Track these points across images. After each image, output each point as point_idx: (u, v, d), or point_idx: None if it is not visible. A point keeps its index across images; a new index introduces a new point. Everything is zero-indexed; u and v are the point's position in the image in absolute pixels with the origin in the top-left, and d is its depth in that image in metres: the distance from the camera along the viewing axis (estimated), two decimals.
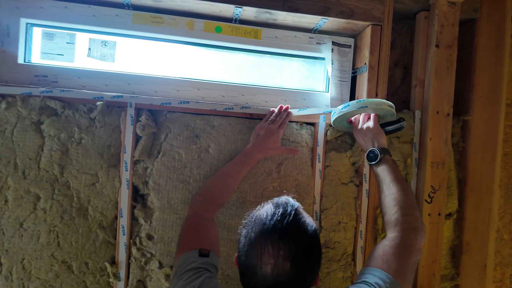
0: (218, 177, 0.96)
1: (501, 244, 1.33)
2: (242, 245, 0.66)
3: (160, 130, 1.00)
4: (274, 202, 0.69)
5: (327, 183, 1.08)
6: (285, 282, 0.60)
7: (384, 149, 0.91)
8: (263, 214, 0.66)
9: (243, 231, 0.68)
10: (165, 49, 1.11)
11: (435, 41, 1.08)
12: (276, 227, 0.62)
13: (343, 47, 1.18)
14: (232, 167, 0.95)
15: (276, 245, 0.60)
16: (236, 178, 0.95)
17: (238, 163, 0.96)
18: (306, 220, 0.66)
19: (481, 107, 1.15)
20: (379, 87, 1.09)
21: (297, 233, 0.63)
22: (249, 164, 0.96)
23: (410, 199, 0.84)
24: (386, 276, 0.70)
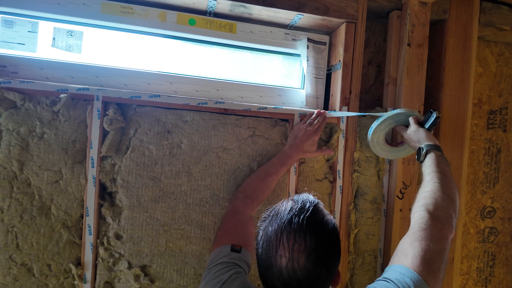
0: (258, 175, 0.98)
1: (467, 238, 1.38)
2: (260, 237, 0.65)
3: (129, 124, 0.96)
4: (294, 198, 0.68)
5: (302, 180, 1.08)
6: (300, 277, 0.59)
7: (428, 145, 0.92)
8: (281, 209, 0.65)
9: (262, 225, 0.67)
10: (136, 40, 1.07)
11: (407, 40, 1.10)
12: (293, 221, 0.61)
13: (319, 44, 1.18)
14: (271, 166, 0.99)
15: (292, 238, 0.60)
16: (274, 177, 0.98)
17: (277, 163, 0.99)
18: (325, 216, 0.65)
19: (449, 105, 1.18)
20: (353, 85, 1.10)
21: (314, 228, 0.61)
22: (287, 164, 1.00)
23: (442, 192, 0.78)
24: (406, 269, 0.64)
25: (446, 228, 0.72)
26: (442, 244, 0.69)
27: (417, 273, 0.63)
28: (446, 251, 0.69)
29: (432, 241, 0.68)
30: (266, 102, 1.14)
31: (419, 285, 0.61)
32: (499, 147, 1.40)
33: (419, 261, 0.64)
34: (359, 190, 1.13)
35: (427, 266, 0.64)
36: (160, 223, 0.96)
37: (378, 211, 1.14)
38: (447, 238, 0.71)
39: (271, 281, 0.62)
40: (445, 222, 0.73)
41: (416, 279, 0.62)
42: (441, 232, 0.71)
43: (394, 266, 0.67)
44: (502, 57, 1.39)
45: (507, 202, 1.42)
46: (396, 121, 1.06)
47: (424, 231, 0.70)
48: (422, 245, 0.67)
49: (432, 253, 0.66)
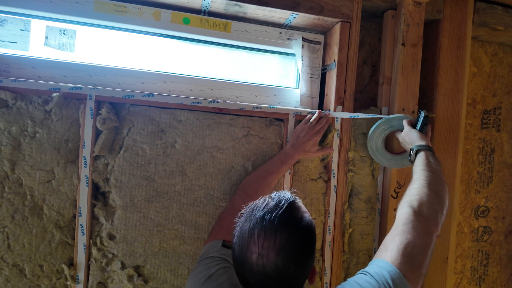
0: (259, 174, 0.99)
1: (461, 237, 1.39)
2: (234, 234, 0.65)
3: (122, 124, 0.95)
4: (272, 195, 0.67)
5: (296, 179, 1.08)
6: (270, 273, 0.58)
7: (419, 145, 0.93)
8: (257, 205, 0.65)
9: (239, 222, 0.66)
10: (130, 39, 1.06)
11: (401, 40, 1.10)
12: (265, 217, 0.61)
13: (313, 44, 1.18)
14: (272, 166, 1.00)
15: (262, 235, 0.59)
16: (275, 176, 0.99)
17: (278, 162, 1.00)
18: (299, 213, 0.64)
19: (444, 105, 1.19)
20: (347, 84, 1.10)
21: (285, 225, 0.60)
22: (288, 163, 1.01)
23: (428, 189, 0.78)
24: (385, 263, 0.65)
25: (430, 223, 0.72)
26: (424, 239, 0.69)
27: (396, 267, 0.63)
28: (429, 246, 0.69)
29: (413, 236, 0.68)
30: (261, 101, 1.14)
31: (396, 278, 0.61)
32: (493, 146, 1.41)
33: (398, 255, 0.64)
34: (353, 189, 1.13)
35: (407, 260, 0.64)
36: (154, 223, 0.96)
37: (372, 211, 1.14)
38: (430, 234, 0.71)
39: (245, 277, 0.62)
40: (429, 218, 0.72)
41: (394, 272, 0.62)
42: (424, 227, 0.70)
43: (374, 260, 0.67)
44: (496, 57, 1.40)
45: (501, 201, 1.43)
46: (391, 126, 1.07)
47: (405, 226, 0.70)
48: (402, 239, 0.67)
49: (412, 247, 0.66)
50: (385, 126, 1.07)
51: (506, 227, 1.44)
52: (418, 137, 0.96)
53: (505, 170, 1.43)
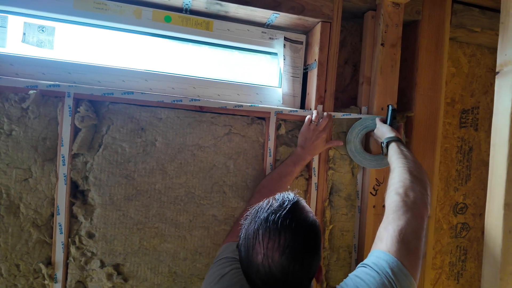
0: (273, 176, 1.02)
1: (440, 233, 1.42)
2: (240, 236, 0.66)
3: (101, 122, 0.95)
4: (276, 197, 0.68)
5: None
6: (276, 274, 0.59)
7: (388, 137, 0.98)
8: (261, 207, 0.65)
9: (244, 224, 0.67)
10: (111, 37, 1.06)
11: (380, 40, 1.12)
12: (269, 218, 0.61)
13: (295, 43, 1.19)
14: (285, 168, 1.03)
15: (267, 236, 0.60)
16: (289, 178, 1.02)
17: (290, 164, 1.03)
18: (303, 213, 0.64)
19: (422, 105, 1.21)
20: (328, 84, 1.12)
21: (289, 225, 0.60)
22: (300, 164, 1.04)
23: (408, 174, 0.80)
24: (382, 252, 0.66)
25: (419, 206, 0.73)
26: (416, 222, 0.70)
27: (392, 255, 0.64)
28: (422, 229, 0.70)
29: (404, 221, 0.69)
30: (243, 100, 1.14)
31: (394, 266, 0.63)
32: (471, 145, 1.45)
33: (393, 242, 0.65)
34: (334, 187, 1.15)
35: (403, 246, 0.65)
36: (134, 222, 0.96)
37: (352, 208, 1.16)
38: (421, 216, 0.72)
39: (252, 278, 0.63)
40: (416, 201, 0.74)
41: (392, 261, 0.63)
42: (413, 211, 0.71)
43: (372, 252, 0.68)
44: (474, 58, 1.44)
45: (479, 198, 1.47)
46: (365, 127, 1.11)
47: (396, 213, 0.71)
48: (395, 227, 0.68)
49: (406, 233, 0.67)
50: (360, 127, 1.11)
51: (483, 223, 1.48)
52: (388, 130, 1.01)
53: (483, 168, 1.47)
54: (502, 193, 0.62)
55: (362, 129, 1.10)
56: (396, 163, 0.86)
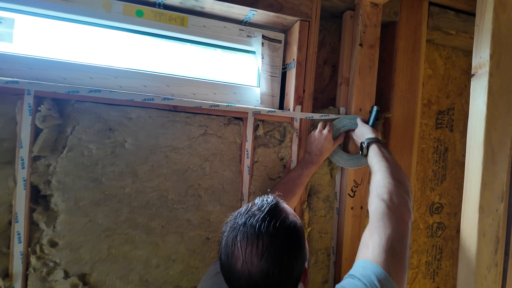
0: (283, 181, 1.03)
1: (417, 233, 1.44)
2: (220, 242, 0.64)
3: (66, 122, 0.88)
4: (255, 201, 0.66)
5: (255, 179, 1.06)
6: (256, 278, 0.57)
7: (369, 138, 0.97)
8: (240, 211, 0.64)
9: (224, 229, 0.65)
10: (77, 31, 0.99)
11: (359, 40, 1.11)
12: (247, 222, 0.60)
13: (274, 42, 1.16)
14: (294, 172, 1.04)
15: (245, 240, 0.58)
16: (298, 181, 1.01)
17: (298, 169, 1.04)
18: (282, 215, 0.62)
19: (400, 106, 1.22)
20: (306, 84, 1.10)
21: (268, 228, 0.59)
22: (309, 168, 1.04)
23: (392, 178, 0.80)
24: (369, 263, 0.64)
25: (403, 211, 0.72)
26: (401, 229, 0.69)
27: (380, 266, 0.62)
28: (406, 235, 0.69)
29: (390, 229, 0.68)
30: (220, 99, 1.11)
31: (382, 278, 0.61)
32: (446, 146, 1.47)
33: (380, 252, 0.64)
34: (312, 189, 1.13)
35: (389, 255, 0.64)
36: (102, 228, 0.90)
37: (330, 209, 1.15)
38: (405, 222, 0.71)
39: (232, 283, 0.61)
40: (401, 207, 0.73)
41: (380, 272, 0.61)
42: (398, 217, 0.71)
43: (359, 261, 0.67)
44: (449, 60, 1.46)
45: (453, 198, 1.50)
46: (343, 126, 1.10)
47: (381, 221, 0.70)
48: (381, 235, 0.67)
49: (392, 240, 0.66)
50: (338, 126, 1.10)
51: (458, 222, 1.51)
52: (368, 131, 1.01)
53: (457, 168, 1.50)
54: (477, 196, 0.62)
55: (340, 128, 1.09)
56: (378, 166, 0.85)
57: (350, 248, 1.11)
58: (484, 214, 0.62)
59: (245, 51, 1.17)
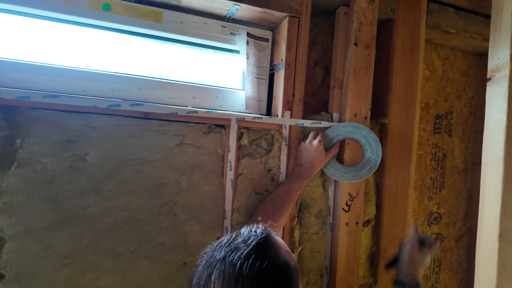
0: (269, 197, 0.91)
1: None
2: (190, 279, 0.54)
3: (15, 132, 0.75)
4: (241, 230, 0.54)
5: (239, 194, 0.95)
6: None
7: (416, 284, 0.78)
8: (220, 243, 0.53)
9: (199, 261, 0.54)
10: (34, 26, 0.86)
11: (353, 39, 1.01)
12: (227, 258, 0.49)
13: (260, 41, 1.05)
14: (281, 187, 0.93)
15: (221, 281, 0.47)
16: (286, 197, 0.90)
17: (287, 183, 0.93)
18: (272, 253, 0.51)
19: (397, 110, 1.12)
20: (296, 87, 0.99)
21: (252, 269, 0.47)
22: (298, 182, 0.93)
23: None
24: None
25: None
26: None
27: None
28: None
29: None
30: (200, 104, 0.99)
31: None
32: (445, 152, 1.38)
33: None
34: (303, 203, 1.02)
35: None
36: (59, 256, 0.77)
37: (323, 226, 1.04)
38: None
39: None
40: None
41: None
42: None
43: None
44: (448, 61, 1.37)
45: (452, 207, 1.41)
46: (337, 135, 1.00)
47: None
48: None
49: None
50: (332, 135, 1.00)
51: (456, 232, 1.43)
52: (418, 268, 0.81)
53: (456, 175, 1.41)
54: (496, 221, 0.52)
55: (333, 137, 0.99)
56: None
57: (345, 268, 1.01)
58: (505, 243, 0.52)
59: (229, 50, 1.06)
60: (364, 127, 0.98)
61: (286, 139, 0.98)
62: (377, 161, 0.99)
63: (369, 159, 0.99)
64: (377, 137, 0.97)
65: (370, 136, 0.99)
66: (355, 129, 0.98)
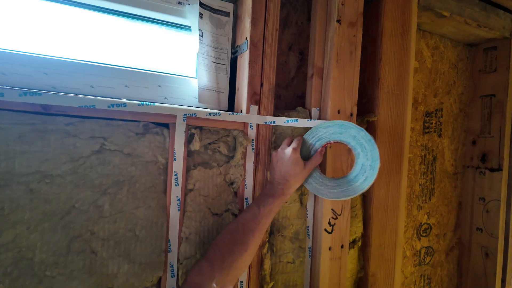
0: (231, 226, 0.65)
1: (404, 262, 1.17)
2: None
3: None
4: None
5: (190, 217, 0.70)
6: None
7: None
8: None
9: None
10: None
11: (336, 15, 0.80)
12: None
13: (219, 14, 0.81)
14: (246, 212, 0.67)
15: None
16: (252, 226, 0.65)
17: (254, 206, 0.67)
18: None
19: (387, 106, 0.93)
20: (265, 74, 0.76)
21: None
22: (267, 204, 0.67)
23: None
24: None
25: None
26: None
27: None
28: None
29: None
30: (136, 96, 0.74)
31: None
32: (434, 154, 1.22)
33: None
34: (275, 223, 0.80)
35: None
36: None
37: (301, 252, 0.82)
38: None
39: None
40: None
41: None
42: None
43: None
44: (437, 51, 1.21)
45: (442, 216, 1.26)
46: (319, 139, 0.76)
47: None
48: None
49: None
50: (312, 140, 0.76)
51: (447, 244, 1.27)
52: None
53: (446, 180, 1.26)
54: None
55: (314, 142, 0.77)
56: None
57: None
58: None
59: (178, 26, 0.82)
60: (352, 125, 0.75)
61: (253, 142, 0.75)
62: (374, 168, 0.72)
63: (363, 167, 0.74)
64: (370, 136, 0.73)
65: (361, 135, 0.74)
66: (341, 129, 0.75)
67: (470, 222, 1.27)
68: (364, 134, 0.73)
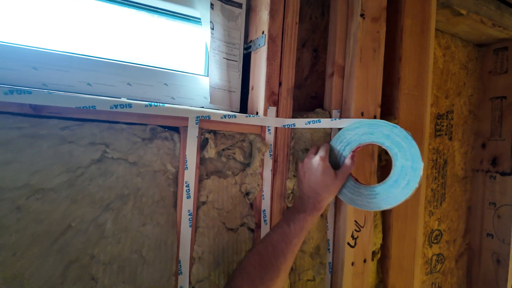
0: (259, 248, 0.57)
1: None
2: None
3: None
4: None
5: (202, 234, 0.62)
6: None
7: None
8: None
9: None
10: None
11: (359, 9, 0.74)
12: None
13: (231, 5, 0.73)
14: (275, 231, 0.59)
15: None
16: (283, 246, 0.57)
17: (283, 224, 0.60)
18: None
19: (407, 108, 0.87)
20: (283, 72, 0.69)
21: None
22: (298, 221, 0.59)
23: None
24: None
25: None
26: None
27: None
28: None
29: None
30: (140, 95, 0.65)
31: None
32: (445, 158, 1.18)
33: None
34: None
35: None
36: None
37: (321, 268, 0.75)
38: None
39: None
40: None
41: None
42: None
43: None
44: (448, 51, 1.17)
45: (452, 221, 1.22)
46: (348, 144, 0.68)
47: None
48: None
49: None
50: (340, 146, 0.68)
51: (456, 251, 1.24)
52: None
53: (456, 185, 1.22)
54: None
55: (342, 147, 0.68)
56: None
57: None
58: None
59: (187, 18, 0.73)
60: (383, 122, 0.65)
61: (271, 148, 0.67)
62: (417, 169, 0.61)
63: (403, 169, 0.63)
64: (406, 132, 0.63)
65: (395, 133, 0.64)
66: (371, 128, 0.66)
67: (480, 228, 1.24)
68: (398, 131, 0.64)
